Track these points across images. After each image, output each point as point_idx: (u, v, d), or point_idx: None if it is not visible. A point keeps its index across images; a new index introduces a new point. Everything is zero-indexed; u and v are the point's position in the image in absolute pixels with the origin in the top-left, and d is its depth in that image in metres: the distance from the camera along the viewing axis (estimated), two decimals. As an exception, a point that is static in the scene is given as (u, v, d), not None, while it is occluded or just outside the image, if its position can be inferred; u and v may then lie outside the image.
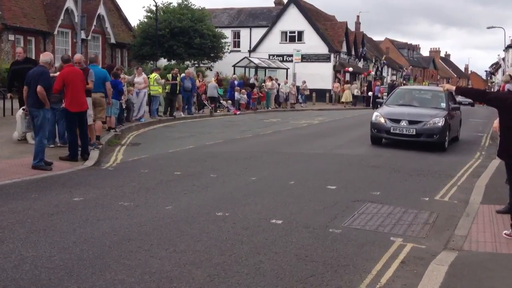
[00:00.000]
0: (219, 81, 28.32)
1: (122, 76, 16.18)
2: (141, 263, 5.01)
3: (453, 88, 7.26)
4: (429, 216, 7.17)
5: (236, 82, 28.42)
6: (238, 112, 26.02)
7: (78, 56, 11.54)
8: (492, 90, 67.50)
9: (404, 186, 9.11)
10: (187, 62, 37.93)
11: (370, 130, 14.56)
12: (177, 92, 21.11)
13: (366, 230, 6.40)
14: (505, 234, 6.19)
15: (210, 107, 24.52)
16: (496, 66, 78.84)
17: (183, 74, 22.43)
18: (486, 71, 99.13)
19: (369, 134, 14.80)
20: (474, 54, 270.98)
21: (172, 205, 7.20)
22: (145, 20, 38.40)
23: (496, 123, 7.36)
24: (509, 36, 64.59)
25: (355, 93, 40.35)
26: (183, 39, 36.37)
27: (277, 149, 13.14)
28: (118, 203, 7.19)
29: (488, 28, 55.77)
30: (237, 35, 47.74)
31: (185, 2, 39.03)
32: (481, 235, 6.23)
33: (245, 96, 27.56)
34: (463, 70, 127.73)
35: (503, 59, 61.86)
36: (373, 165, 11.08)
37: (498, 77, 68.44)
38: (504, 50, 62.13)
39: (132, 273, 4.75)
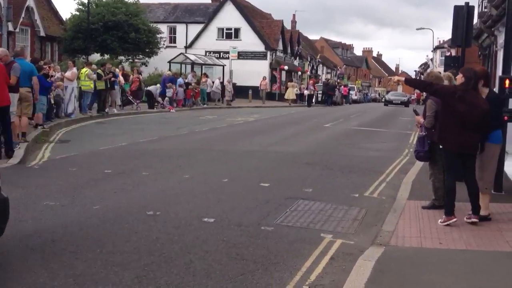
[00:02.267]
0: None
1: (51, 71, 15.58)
2: (65, 265, 4.82)
3: (403, 79, 7.52)
4: (358, 212, 7.32)
5: (168, 78, 27.90)
6: (173, 109, 25.70)
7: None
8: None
9: (335, 182, 9.27)
10: (121, 57, 37.07)
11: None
12: (110, 87, 20.58)
13: (297, 227, 6.45)
14: (440, 222, 6.51)
15: (135, 103, 23.96)
16: (424, 66, 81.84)
17: (117, 69, 21.91)
18: (415, 71, 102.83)
19: (304, 132, 15.60)
20: (404, 54, 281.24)
21: (100, 204, 6.98)
22: (77, 13, 37.19)
23: (419, 118, 7.58)
24: (437, 38, 67.36)
25: (295, 91, 40.85)
26: (117, 33, 35.47)
27: (212, 147, 13.06)
28: (43, 203, 6.90)
29: (418, 29, 58.29)
30: (173, 31, 47.15)
31: (120, -5, 38.12)
32: (407, 230, 6.41)
33: (172, 90, 26.59)
34: (394, 69, 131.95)
35: (432, 59, 64.36)
36: (306, 162, 11.22)
37: (427, 77, 71.05)
38: (432, 51, 64.70)
39: (55, 276, 4.56)
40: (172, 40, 46.61)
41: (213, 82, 32.05)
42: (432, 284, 4.62)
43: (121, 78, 23.18)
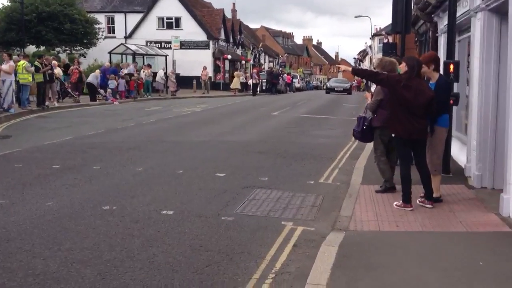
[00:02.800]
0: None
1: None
2: (23, 264, 4.62)
3: (349, 69, 7.65)
4: (315, 198, 7.40)
5: (110, 69, 27.20)
6: (116, 101, 25.12)
7: None
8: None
9: (290, 170, 9.33)
10: (58, 49, 35.85)
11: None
12: (50, 80, 19.87)
13: (257, 216, 6.45)
14: (395, 205, 6.70)
15: (74, 95, 23.25)
16: (363, 53, 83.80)
17: (53, 61, 21.16)
18: (354, 58, 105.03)
19: (253, 121, 16.00)
20: (343, 41, 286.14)
21: (53, 200, 6.74)
22: (9, 4, 35.61)
23: (368, 94, 7.75)
24: (375, 25, 68.94)
25: (241, 80, 40.80)
26: (52, 24, 34.26)
27: (162, 138, 12.86)
28: (-9, 201, 6.58)
29: (356, 17, 59.16)
30: (111, 21, 45.94)
31: (52, -15, 36.74)
32: (364, 214, 6.54)
33: (114, 82, 26.00)
34: (333, 57, 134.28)
35: (370, 46, 65.93)
36: (259, 151, 11.24)
37: (366, 64, 72.88)
38: (370, 38, 66.25)
39: (13, 276, 4.37)
40: (111, 30, 45.44)
41: (154, 73, 31.48)
42: (395, 266, 4.73)
43: (58, 70, 22.44)
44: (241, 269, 4.76)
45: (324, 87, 63.38)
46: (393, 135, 6.84)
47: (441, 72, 7.36)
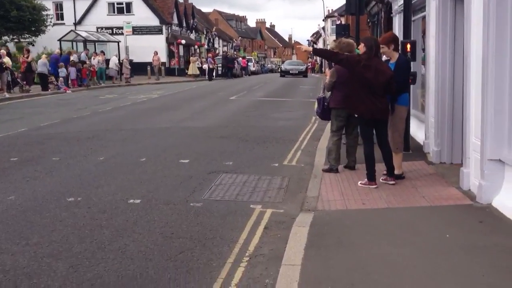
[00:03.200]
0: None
1: None
2: (-10, 262, 4.49)
3: (311, 49, 7.86)
4: (281, 181, 7.46)
5: (62, 57, 26.48)
6: (69, 90, 24.50)
7: None
8: (315, 59, 72.18)
9: (253, 154, 9.36)
10: (5, 38, 34.53)
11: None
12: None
13: (226, 200, 6.46)
14: (360, 183, 6.83)
15: (22, 84, 22.56)
16: (317, 35, 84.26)
17: (2, 50, 20.42)
18: (308, 40, 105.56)
19: (211, 106, 16.47)
20: (296, 24, 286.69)
21: (14, 194, 6.56)
22: (-50, -9, 33.97)
23: (328, 72, 7.88)
24: (327, 7, 69.39)
25: (197, 66, 40.40)
26: (-3, 12, 32.95)
27: (120, 126, 12.65)
28: None
29: (308, -1, 59.08)
30: (59, 7, 44.47)
31: (-4, -30, 35.28)
32: (331, 194, 6.64)
33: (65, 70, 25.38)
34: (287, 40, 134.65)
35: (323, 28, 66.35)
36: (221, 135, 11.21)
37: (319, 45, 73.39)
38: (323, 20, 66.69)
39: (-18, 275, 4.24)
40: (60, 17, 44.03)
41: (106, 60, 30.83)
42: (365, 243, 4.83)
43: (7, 60, 21.67)
44: (215, 254, 4.77)
45: (279, 70, 59.45)
46: (355, 115, 6.96)
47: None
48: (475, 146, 6.05)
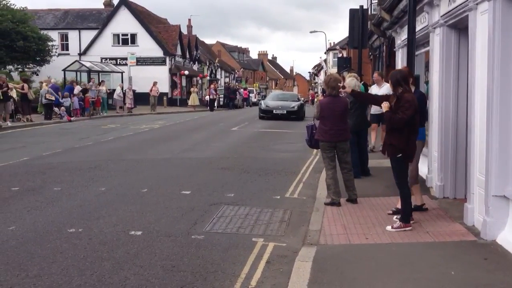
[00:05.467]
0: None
1: None
2: (-12, 295, 4.43)
3: (349, 90, 7.37)
4: (283, 214, 7.41)
5: (66, 88, 26.61)
6: (72, 119, 24.59)
7: None
8: (316, 90, 72.68)
9: (255, 186, 9.32)
10: (10, 67, 34.90)
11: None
12: (4, 99, 19.34)
13: (228, 233, 6.41)
14: (393, 228, 6.35)
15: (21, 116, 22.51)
16: (318, 68, 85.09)
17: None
18: (309, 72, 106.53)
19: (213, 137, 16.41)
20: (298, 56, 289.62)
21: (15, 224, 6.50)
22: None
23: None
24: (329, 40, 70.17)
25: (199, 97, 40.70)
26: (3, 41, 33.34)
27: (122, 156, 12.64)
28: None
29: (311, 32, 59.97)
30: (65, 38, 45.13)
31: (4, 2, 35.83)
32: (333, 228, 6.59)
33: (69, 99, 25.52)
34: (288, 71, 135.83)
35: (325, 60, 67.05)
36: (223, 167, 11.19)
37: (321, 78, 73.97)
38: (325, 53, 67.40)
39: (-20, 308, 4.17)
40: (65, 47, 44.60)
41: (108, 90, 30.99)
42: (369, 279, 4.77)
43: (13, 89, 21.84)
44: (216, 288, 4.70)
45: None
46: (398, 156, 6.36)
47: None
48: (480, 181, 6.01)
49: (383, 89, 11.09)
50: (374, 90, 11.66)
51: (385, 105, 6.35)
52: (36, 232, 6.24)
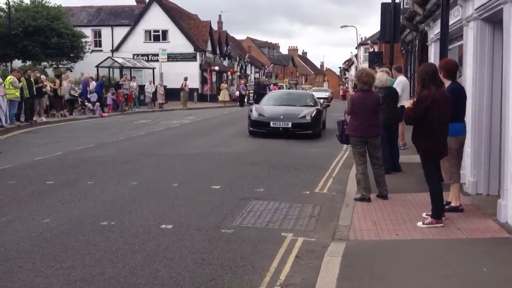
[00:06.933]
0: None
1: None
2: (25, 284, 4.57)
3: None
4: (313, 209, 7.40)
5: (95, 83, 26.99)
6: (104, 114, 25.00)
7: None
8: (346, 86, 72.04)
9: (284, 181, 9.33)
10: (44, 63, 35.68)
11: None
12: (38, 95, 19.77)
13: (257, 227, 6.44)
14: (424, 224, 6.28)
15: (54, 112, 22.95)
16: (349, 63, 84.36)
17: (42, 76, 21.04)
18: (340, 67, 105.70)
19: (243, 132, 15.77)
20: (329, 51, 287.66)
21: (50, 217, 6.67)
22: (-4, 19, 35.45)
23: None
24: (360, 35, 69.50)
25: (230, 92, 40.82)
26: (38, 38, 34.14)
27: (153, 151, 12.80)
28: (-14, 220, 6.48)
29: (342, 27, 59.52)
30: (98, 34, 45.90)
31: (39, 0, 36.66)
32: (363, 223, 6.56)
33: (95, 95, 25.77)
34: (319, 67, 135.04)
35: (356, 55, 66.42)
36: (252, 162, 11.23)
37: (352, 73, 73.38)
38: (356, 48, 66.77)
39: (17, 297, 4.30)
40: (98, 44, 45.38)
41: (138, 86, 31.38)
42: (399, 275, 4.74)
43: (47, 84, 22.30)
44: (245, 282, 4.74)
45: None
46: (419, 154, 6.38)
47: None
48: (513, 177, 5.89)
49: (396, 81, 11.60)
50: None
51: (409, 102, 6.31)
52: (70, 224, 6.39)
